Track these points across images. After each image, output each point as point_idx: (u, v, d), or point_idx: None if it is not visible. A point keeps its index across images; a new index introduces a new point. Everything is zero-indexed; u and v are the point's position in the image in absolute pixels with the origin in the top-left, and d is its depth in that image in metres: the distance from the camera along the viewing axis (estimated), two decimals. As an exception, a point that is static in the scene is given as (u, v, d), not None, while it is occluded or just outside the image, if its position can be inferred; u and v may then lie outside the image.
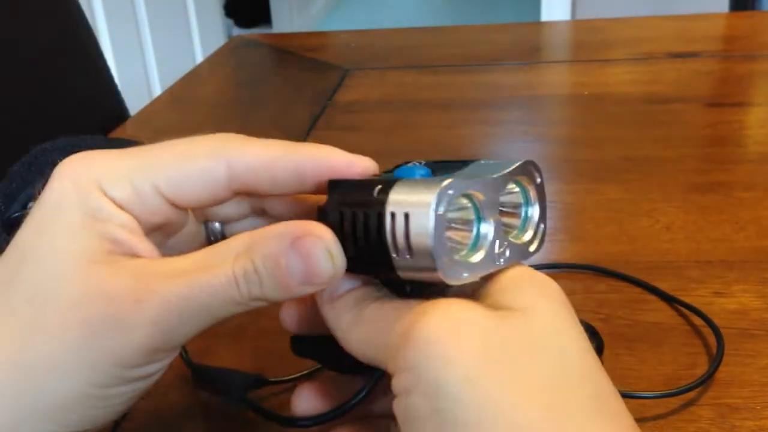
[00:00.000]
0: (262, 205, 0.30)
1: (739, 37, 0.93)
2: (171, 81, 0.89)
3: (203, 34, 2.22)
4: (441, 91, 0.80)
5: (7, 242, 0.27)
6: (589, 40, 0.95)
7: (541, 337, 0.23)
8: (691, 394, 0.35)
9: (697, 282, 0.44)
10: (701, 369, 0.37)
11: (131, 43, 1.86)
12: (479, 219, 0.24)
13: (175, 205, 0.28)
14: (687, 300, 0.42)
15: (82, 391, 0.24)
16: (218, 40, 2.23)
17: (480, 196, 0.24)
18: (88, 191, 0.26)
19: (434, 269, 0.22)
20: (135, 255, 0.26)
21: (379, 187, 0.24)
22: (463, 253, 0.24)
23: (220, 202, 0.29)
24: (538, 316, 0.23)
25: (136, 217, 0.27)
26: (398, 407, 0.23)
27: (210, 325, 0.25)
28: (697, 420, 0.34)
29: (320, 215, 0.26)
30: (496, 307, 0.24)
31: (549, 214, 0.27)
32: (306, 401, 0.28)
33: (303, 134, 0.70)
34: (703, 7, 1.15)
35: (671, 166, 0.58)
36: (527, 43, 0.96)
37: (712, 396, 0.35)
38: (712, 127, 0.66)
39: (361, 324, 0.25)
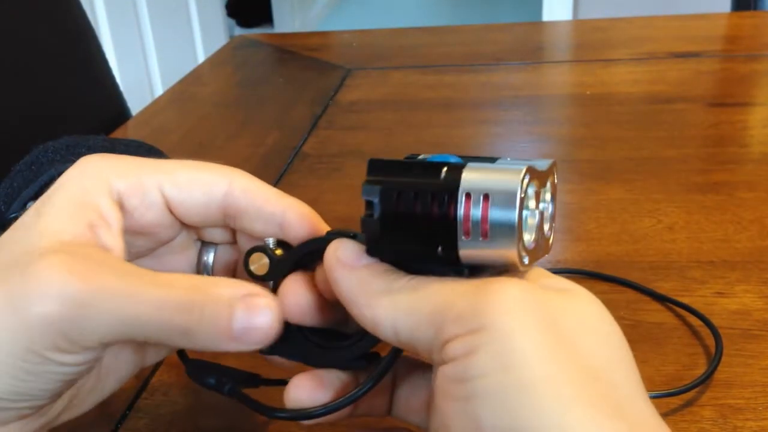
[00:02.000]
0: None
1: (742, 37, 0.92)
2: (172, 81, 0.89)
3: (205, 33, 2.22)
4: (443, 90, 0.80)
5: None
6: (591, 40, 0.95)
7: (590, 316, 0.24)
8: (693, 395, 0.35)
9: (699, 282, 0.44)
10: (703, 369, 0.37)
11: (133, 42, 1.86)
12: (535, 206, 0.24)
13: (171, 210, 0.29)
14: (689, 300, 0.42)
15: (12, 366, 0.24)
16: (220, 40, 2.23)
17: (537, 184, 0.24)
18: (91, 179, 0.28)
19: (511, 251, 0.22)
20: (104, 246, 0.27)
21: (445, 168, 0.23)
22: (525, 238, 0.24)
23: (211, 222, 0.30)
24: (584, 297, 0.24)
25: (131, 210, 0.28)
26: (455, 370, 0.22)
27: (143, 337, 0.25)
28: (698, 421, 0.34)
29: (369, 193, 0.24)
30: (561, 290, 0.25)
31: (550, 213, 0.27)
32: (302, 392, 0.28)
33: (305, 134, 0.70)
34: (705, 7, 1.14)
35: (673, 166, 0.58)
36: (529, 43, 0.96)
37: (713, 396, 0.35)
38: (715, 127, 0.66)
39: (402, 292, 0.24)
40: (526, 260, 0.23)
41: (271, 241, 0.29)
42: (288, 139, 0.69)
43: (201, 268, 0.32)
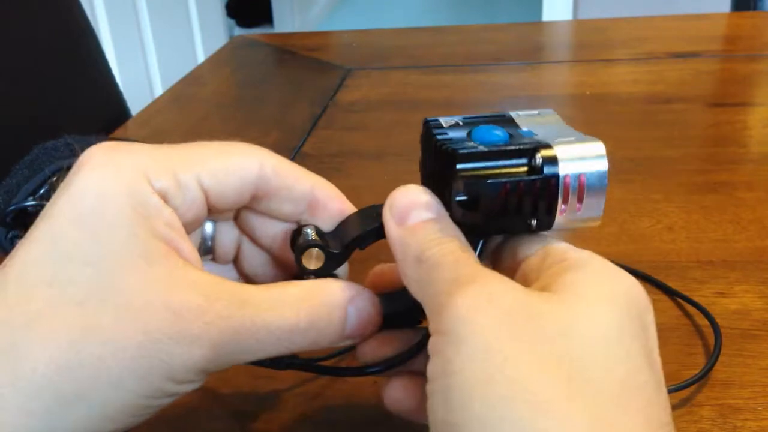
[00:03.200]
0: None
1: (741, 37, 0.92)
2: (172, 81, 0.89)
3: (205, 34, 2.22)
4: (443, 90, 0.80)
5: (9, 239, 0.27)
6: (591, 40, 0.95)
7: (569, 326, 0.22)
8: (693, 395, 0.35)
9: (698, 282, 0.44)
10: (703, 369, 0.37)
11: (132, 42, 1.86)
12: None
13: (209, 201, 0.28)
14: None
15: (128, 401, 0.24)
16: (220, 40, 2.23)
17: None
18: (135, 181, 0.25)
19: (599, 215, 0.26)
20: (181, 256, 0.25)
21: (540, 156, 0.25)
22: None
23: (239, 205, 0.30)
24: (586, 306, 0.22)
25: (175, 210, 0.26)
26: (431, 365, 0.23)
27: (257, 359, 0.26)
28: (698, 420, 0.34)
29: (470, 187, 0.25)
30: (543, 289, 0.24)
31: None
32: (372, 349, 0.29)
33: (305, 134, 0.70)
34: (705, 7, 1.15)
35: (673, 166, 0.58)
36: (529, 43, 0.96)
37: (713, 396, 0.35)
38: (714, 127, 0.66)
39: (425, 264, 0.25)
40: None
41: (310, 233, 0.29)
42: (288, 139, 0.69)
43: (201, 241, 0.31)
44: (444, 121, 0.28)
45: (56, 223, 0.24)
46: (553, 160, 0.25)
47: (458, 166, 0.25)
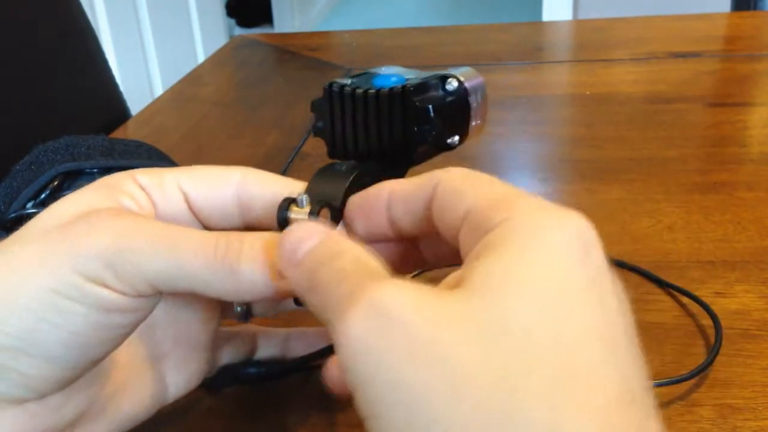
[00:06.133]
0: None
1: (742, 37, 0.92)
2: (173, 81, 0.89)
3: (205, 33, 2.22)
4: (442, 90, 0.80)
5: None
6: (591, 40, 0.95)
7: (495, 323, 0.19)
8: (693, 395, 0.35)
9: (698, 282, 0.44)
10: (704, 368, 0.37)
11: (133, 42, 1.86)
12: None
13: (191, 207, 0.30)
14: (688, 301, 0.42)
15: (42, 297, 0.24)
16: (220, 40, 2.23)
17: None
18: (119, 181, 0.28)
19: (484, 122, 0.32)
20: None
21: (443, 78, 0.30)
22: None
23: (228, 218, 0.30)
24: (502, 298, 0.19)
25: (155, 204, 0.29)
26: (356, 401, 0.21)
27: (174, 282, 0.25)
28: (698, 420, 0.34)
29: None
30: (459, 281, 0.21)
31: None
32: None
33: (305, 134, 0.70)
34: (706, 7, 1.15)
35: (673, 166, 0.58)
36: (529, 43, 0.96)
37: (713, 396, 0.35)
38: (715, 127, 0.66)
39: (313, 293, 0.23)
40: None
41: (305, 199, 0.28)
42: (288, 139, 0.69)
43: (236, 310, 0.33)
44: (342, 81, 0.31)
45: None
46: (461, 83, 0.30)
47: (414, 99, 0.29)
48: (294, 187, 0.29)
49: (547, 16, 2.42)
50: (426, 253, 0.29)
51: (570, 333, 0.19)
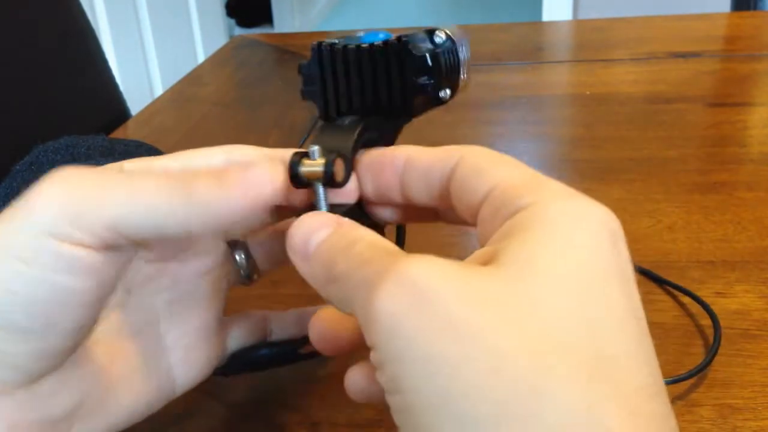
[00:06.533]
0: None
1: (742, 37, 0.92)
2: (172, 81, 0.89)
3: (205, 33, 2.23)
4: (442, 90, 0.80)
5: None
6: (591, 40, 0.95)
7: (532, 304, 0.19)
8: (693, 395, 0.35)
9: (698, 282, 0.44)
10: (703, 369, 0.37)
11: (133, 42, 1.86)
12: None
13: None
14: (688, 301, 0.42)
15: (4, 266, 0.23)
16: (220, 40, 2.23)
17: None
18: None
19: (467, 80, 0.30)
20: None
21: (431, 32, 0.29)
22: None
23: None
24: (538, 281, 0.20)
25: None
26: (380, 378, 0.21)
27: (135, 224, 0.24)
28: (698, 420, 0.34)
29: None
30: (490, 259, 0.21)
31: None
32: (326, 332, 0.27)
33: (305, 134, 0.70)
34: (706, 7, 1.14)
35: (673, 166, 0.58)
36: (529, 43, 0.96)
37: (713, 396, 0.35)
38: (715, 127, 0.66)
39: (333, 283, 0.22)
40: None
41: (316, 150, 0.26)
42: (288, 139, 0.69)
43: (236, 271, 0.31)
44: (329, 41, 0.31)
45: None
46: (449, 36, 0.29)
47: (411, 48, 0.29)
48: (277, 154, 0.28)
49: (547, 16, 2.42)
50: (429, 217, 0.28)
51: (603, 319, 0.19)
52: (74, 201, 0.24)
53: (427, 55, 0.28)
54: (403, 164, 0.26)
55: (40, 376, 0.25)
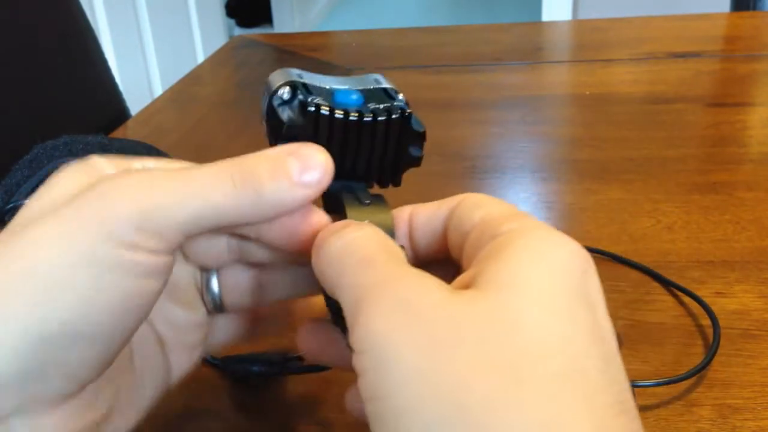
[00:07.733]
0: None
1: (741, 37, 0.92)
2: (172, 81, 0.89)
3: (204, 33, 2.23)
4: (442, 91, 0.80)
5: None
6: (591, 40, 0.95)
7: (506, 320, 0.21)
8: (692, 395, 0.35)
9: (698, 282, 0.44)
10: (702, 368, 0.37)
11: (132, 42, 1.86)
12: None
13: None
14: (688, 301, 0.42)
15: (77, 274, 0.23)
16: (219, 40, 2.23)
17: None
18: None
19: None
20: None
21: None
22: None
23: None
24: (513, 297, 0.21)
25: None
26: (360, 384, 0.22)
27: (206, 222, 0.24)
28: (698, 420, 0.34)
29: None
30: (471, 280, 0.22)
31: (550, 214, 0.28)
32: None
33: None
34: (706, 7, 1.14)
35: (673, 166, 0.58)
36: (528, 43, 0.96)
37: (713, 396, 0.35)
38: (714, 127, 0.66)
39: (332, 266, 0.24)
40: None
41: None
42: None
43: (207, 300, 0.30)
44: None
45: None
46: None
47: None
48: None
49: (546, 16, 2.42)
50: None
51: (575, 337, 0.21)
52: (148, 212, 0.24)
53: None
54: (408, 220, 0.28)
55: (89, 383, 0.25)
